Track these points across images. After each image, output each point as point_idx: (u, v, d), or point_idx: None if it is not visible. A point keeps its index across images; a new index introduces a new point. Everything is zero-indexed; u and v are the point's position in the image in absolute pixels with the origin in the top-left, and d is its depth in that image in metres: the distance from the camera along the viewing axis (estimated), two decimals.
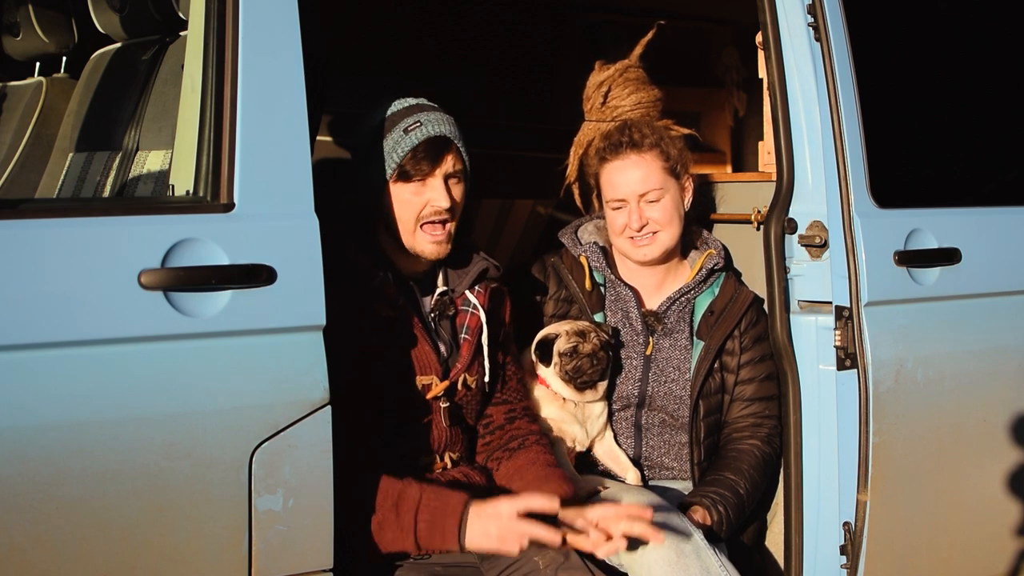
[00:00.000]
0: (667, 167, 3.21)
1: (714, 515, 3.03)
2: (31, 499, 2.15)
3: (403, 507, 2.55)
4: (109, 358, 2.22)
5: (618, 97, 3.47)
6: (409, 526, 2.54)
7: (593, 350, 3.07)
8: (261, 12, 2.42)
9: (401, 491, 2.56)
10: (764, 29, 3.19)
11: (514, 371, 3.03)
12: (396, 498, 2.56)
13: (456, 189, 2.79)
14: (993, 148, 3.70)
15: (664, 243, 3.23)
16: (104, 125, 3.02)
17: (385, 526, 2.55)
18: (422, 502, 2.55)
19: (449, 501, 2.55)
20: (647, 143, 3.21)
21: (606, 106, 3.49)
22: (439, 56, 4.74)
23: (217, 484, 2.30)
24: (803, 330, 3.17)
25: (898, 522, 3.21)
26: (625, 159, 3.20)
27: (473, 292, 2.89)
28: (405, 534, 2.55)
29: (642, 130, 3.24)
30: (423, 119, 2.74)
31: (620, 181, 3.21)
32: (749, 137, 4.47)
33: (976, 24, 3.70)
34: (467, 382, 2.84)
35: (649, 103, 3.49)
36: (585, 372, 3.08)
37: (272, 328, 2.37)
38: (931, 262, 3.21)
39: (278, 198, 2.41)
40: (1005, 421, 3.39)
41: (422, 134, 2.72)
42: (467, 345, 2.85)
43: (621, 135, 3.24)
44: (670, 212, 3.21)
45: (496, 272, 2.92)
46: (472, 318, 2.87)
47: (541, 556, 2.75)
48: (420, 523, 2.54)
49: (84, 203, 2.81)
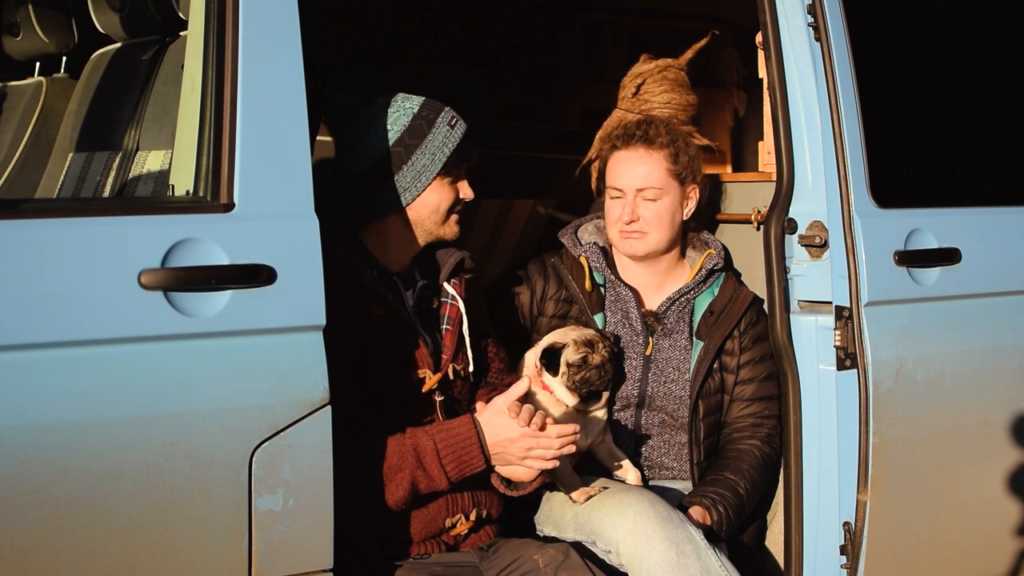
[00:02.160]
0: (673, 170, 3.20)
1: (714, 515, 3.03)
2: (31, 499, 2.15)
3: (426, 460, 2.65)
4: (109, 358, 2.22)
5: (650, 92, 3.47)
6: (440, 474, 2.66)
7: (602, 361, 3.07)
8: (261, 12, 2.42)
9: (415, 446, 2.66)
10: (764, 29, 3.19)
11: (495, 352, 3.08)
12: (415, 454, 2.65)
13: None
14: (993, 148, 3.70)
15: (651, 244, 3.24)
16: (104, 125, 3.02)
17: (419, 481, 2.66)
18: (439, 447, 2.66)
19: (460, 432, 2.68)
20: (659, 141, 3.21)
21: (636, 97, 3.50)
22: (439, 56, 4.74)
23: (217, 484, 2.31)
24: (803, 330, 3.17)
25: (898, 522, 3.21)
26: (633, 151, 3.22)
27: (450, 283, 2.94)
28: (439, 481, 2.67)
29: (659, 128, 3.25)
30: (454, 115, 2.85)
31: (623, 171, 3.22)
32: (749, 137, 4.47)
33: (976, 24, 3.70)
34: (457, 372, 2.87)
35: (679, 106, 3.48)
36: (593, 383, 3.07)
37: (272, 328, 2.37)
38: (931, 262, 3.21)
39: (278, 198, 2.41)
40: (1005, 421, 3.39)
41: (462, 129, 2.85)
42: (449, 336, 2.89)
43: (637, 128, 3.26)
44: (662, 216, 3.21)
45: (471, 263, 2.98)
46: (452, 309, 2.92)
47: (541, 554, 2.76)
48: (447, 466, 2.66)
49: (84, 203, 2.81)
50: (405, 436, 2.67)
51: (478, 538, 2.86)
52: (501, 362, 3.09)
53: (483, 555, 2.82)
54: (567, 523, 2.99)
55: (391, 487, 2.64)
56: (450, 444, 2.66)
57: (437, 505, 2.77)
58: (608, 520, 2.89)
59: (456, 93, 2.97)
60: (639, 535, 2.81)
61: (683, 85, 3.53)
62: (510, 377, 3.06)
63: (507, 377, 3.07)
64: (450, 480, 2.68)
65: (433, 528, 2.78)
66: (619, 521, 2.86)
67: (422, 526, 2.76)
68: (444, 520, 2.78)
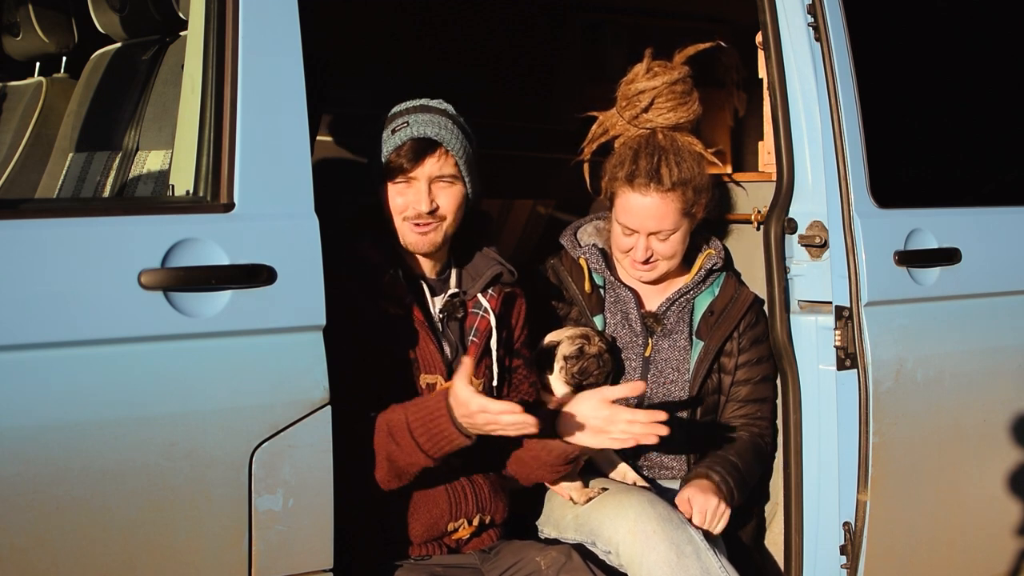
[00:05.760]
0: (684, 209, 3.16)
1: (723, 489, 3.03)
2: (31, 499, 2.15)
3: (398, 434, 2.59)
4: (109, 358, 2.22)
5: (659, 110, 3.29)
6: (412, 446, 2.58)
7: (599, 351, 3.07)
8: (261, 12, 2.42)
9: (387, 421, 2.61)
10: (764, 29, 3.19)
11: (525, 375, 3.01)
12: (387, 430, 2.60)
13: (445, 192, 2.78)
14: (993, 148, 3.70)
15: (663, 270, 3.23)
16: (104, 125, 3.02)
17: (395, 457, 2.60)
18: (410, 421, 2.58)
19: (429, 404, 2.59)
20: (671, 181, 3.12)
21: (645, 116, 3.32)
22: (439, 56, 4.74)
23: (217, 484, 2.31)
24: (803, 330, 3.17)
25: (898, 522, 3.21)
26: (646, 195, 3.13)
27: (486, 296, 2.89)
28: (415, 455, 2.59)
29: (670, 164, 3.15)
30: (412, 119, 2.76)
31: (635, 214, 3.16)
32: (749, 137, 4.47)
33: (976, 24, 3.70)
34: (472, 384, 2.84)
35: (686, 122, 3.32)
36: (592, 373, 3.07)
37: (272, 328, 2.37)
38: (931, 262, 3.21)
39: (278, 198, 2.41)
40: (1005, 421, 3.39)
41: (406, 135, 2.74)
42: (474, 347, 2.85)
43: (650, 162, 3.15)
44: (676, 247, 3.20)
45: (511, 277, 2.92)
46: (482, 321, 2.87)
47: (543, 556, 2.76)
48: (419, 438, 2.58)
49: (84, 203, 2.81)
50: (382, 413, 2.64)
51: (480, 541, 2.85)
52: (531, 387, 3.01)
53: (484, 557, 2.82)
54: (567, 524, 3.00)
55: (376, 467, 2.62)
56: (420, 416, 2.58)
57: (440, 508, 2.76)
58: (608, 521, 2.89)
59: (456, 93, 2.96)
60: (639, 536, 2.81)
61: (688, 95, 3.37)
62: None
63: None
64: (426, 453, 2.58)
65: (435, 531, 2.77)
66: (619, 522, 2.86)
67: (424, 528, 2.75)
68: (446, 524, 2.77)
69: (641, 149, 3.20)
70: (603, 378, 3.11)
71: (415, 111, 2.79)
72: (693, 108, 3.33)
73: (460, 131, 2.79)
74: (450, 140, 2.76)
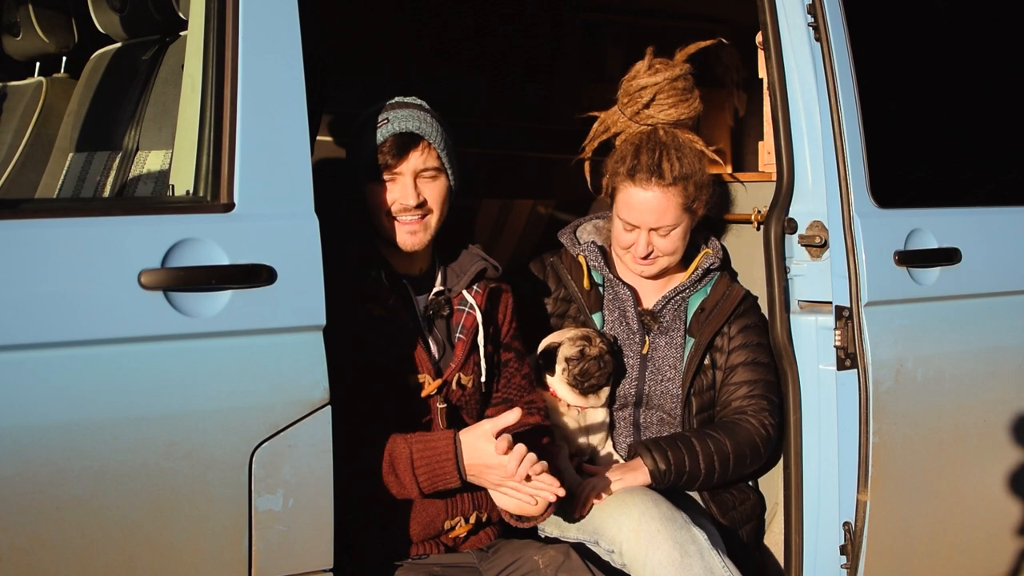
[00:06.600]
0: (684, 204, 3.17)
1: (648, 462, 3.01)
2: (31, 499, 2.15)
3: (400, 467, 2.63)
4: (109, 358, 2.22)
5: (660, 106, 3.30)
6: (411, 483, 2.63)
7: (600, 352, 3.07)
8: (261, 12, 2.42)
9: (391, 452, 2.63)
10: (764, 29, 3.19)
11: (517, 367, 3.01)
12: (389, 461, 2.63)
13: (430, 185, 2.80)
14: (993, 148, 3.70)
15: (663, 265, 3.24)
16: (104, 125, 3.02)
17: (391, 487, 2.64)
18: (414, 457, 2.62)
19: (437, 445, 2.63)
20: (672, 176, 3.13)
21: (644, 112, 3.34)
22: (439, 56, 4.73)
23: (217, 484, 2.31)
24: (803, 330, 3.17)
25: (898, 522, 3.21)
26: (647, 190, 3.14)
27: (471, 292, 2.90)
28: (409, 490, 2.64)
29: (672, 159, 3.16)
30: (392, 116, 2.77)
31: (636, 209, 3.17)
32: (749, 137, 4.47)
33: (976, 24, 3.70)
34: (461, 382, 2.84)
35: (687, 118, 3.34)
36: (592, 375, 3.07)
37: (272, 328, 2.37)
38: (931, 262, 3.21)
39: (278, 198, 2.41)
40: (1005, 421, 3.39)
41: (387, 131, 2.76)
42: (461, 345, 2.85)
43: (651, 157, 3.17)
44: (676, 243, 3.21)
45: (495, 272, 2.93)
46: (468, 318, 2.88)
47: (541, 556, 2.76)
48: (420, 476, 2.63)
49: (84, 203, 2.81)
50: (386, 441, 2.64)
51: (478, 540, 2.85)
52: (524, 379, 3.02)
53: (483, 556, 2.82)
54: (569, 523, 3.00)
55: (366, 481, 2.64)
56: (425, 456, 2.62)
57: (436, 507, 2.76)
58: (611, 520, 2.89)
59: (456, 93, 2.97)
60: (643, 535, 2.81)
61: (689, 92, 3.37)
62: (532, 395, 3.03)
63: (528, 395, 3.02)
64: (422, 491, 2.65)
65: (432, 530, 2.77)
66: (623, 521, 2.86)
67: (421, 527, 2.76)
68: (443, 522, 2.77)
69: (643, 145, 3.22)
70: (604, 379, 3.12)
71: (392, 108, 2.81)
72: (694, 105, 3.34)
73: (439, 124, 2.82)
74: (431, 133, 2.78)
